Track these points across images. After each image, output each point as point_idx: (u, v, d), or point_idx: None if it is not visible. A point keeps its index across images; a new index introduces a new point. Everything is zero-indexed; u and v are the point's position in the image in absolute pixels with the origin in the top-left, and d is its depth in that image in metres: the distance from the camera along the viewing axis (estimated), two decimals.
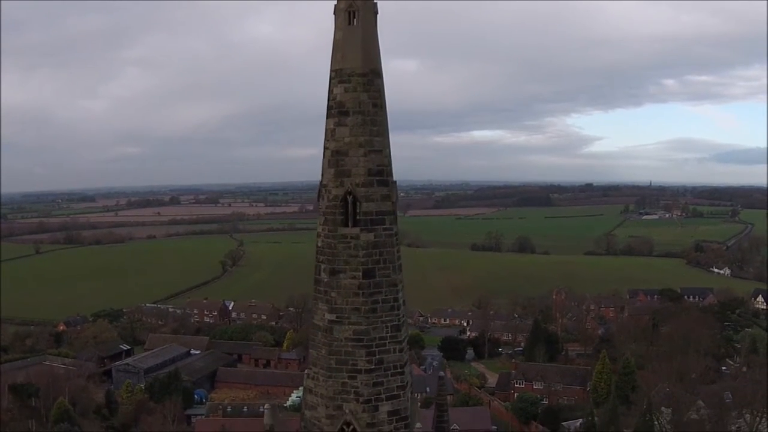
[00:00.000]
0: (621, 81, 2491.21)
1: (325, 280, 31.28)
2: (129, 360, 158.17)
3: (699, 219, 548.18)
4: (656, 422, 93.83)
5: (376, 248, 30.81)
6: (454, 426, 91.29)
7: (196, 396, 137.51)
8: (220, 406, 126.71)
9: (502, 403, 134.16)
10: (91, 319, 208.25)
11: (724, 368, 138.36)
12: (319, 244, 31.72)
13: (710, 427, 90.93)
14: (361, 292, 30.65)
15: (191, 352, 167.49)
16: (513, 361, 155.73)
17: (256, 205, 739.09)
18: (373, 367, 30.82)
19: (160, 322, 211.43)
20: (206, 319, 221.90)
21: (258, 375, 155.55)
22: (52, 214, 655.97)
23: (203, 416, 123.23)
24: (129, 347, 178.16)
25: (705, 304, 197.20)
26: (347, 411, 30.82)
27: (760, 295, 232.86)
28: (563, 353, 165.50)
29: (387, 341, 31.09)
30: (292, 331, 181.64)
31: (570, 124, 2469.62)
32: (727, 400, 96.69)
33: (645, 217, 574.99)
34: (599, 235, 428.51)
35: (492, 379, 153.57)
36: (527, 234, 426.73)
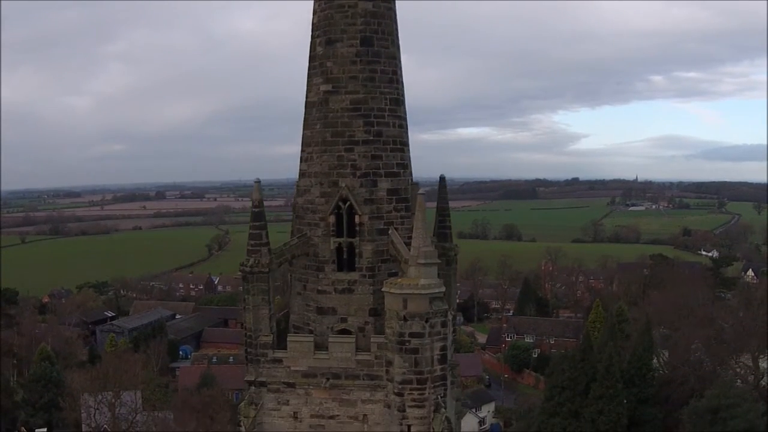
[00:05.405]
0: (608, 77, 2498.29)
1: (321, 52, 29.57)
2: (114, 322, 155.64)
3: (686, 210, 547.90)
4: (655, 358, 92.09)
5: (375, 18, 29.24)
6: None
7: (181, 352, 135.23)
8: (206, 356, 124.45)
9: (493, 355, 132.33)
10: (76, 291, 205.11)
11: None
12: (315, 21, 29.99)
13: (709, 365, 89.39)
14: (358, 60, 29.05)
15: (176, 316, 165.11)
16: (503, 316, 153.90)
17: (241, 200, 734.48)
18: (372, 138, 29.02)
19: (145, 296, 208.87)
20: (192, 293, 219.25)
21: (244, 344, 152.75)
22: (38, 208, 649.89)
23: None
24: (114, 314, 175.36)
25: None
26: (343, 186, 28.90)
27: (750, 270, 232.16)
28: (554, 316, 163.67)
29: (386, 113, 29.31)
30: (279, 297, 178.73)
31: (556, 121, 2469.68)
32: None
33: (632, 208, 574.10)
34: (586, 224, 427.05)
35: (482, 340, 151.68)
36: (514, 223, 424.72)
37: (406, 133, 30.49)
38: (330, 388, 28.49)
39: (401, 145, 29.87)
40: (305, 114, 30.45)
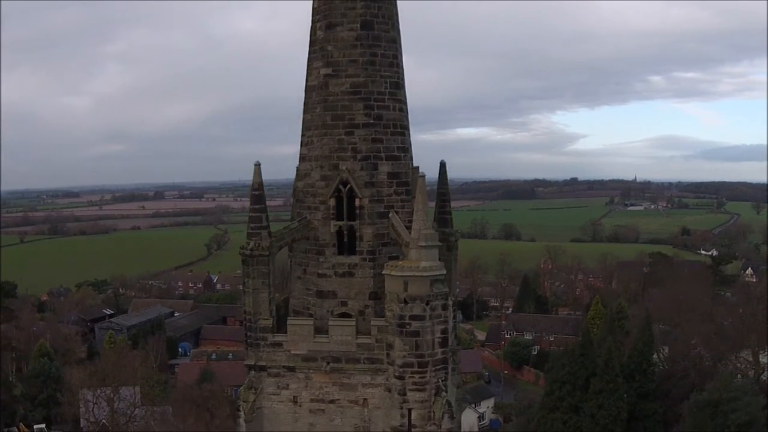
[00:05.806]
0: (607, 77, 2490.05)
1: (321, 36, 29.39)
2: (113, 319, 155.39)
3: (684, 210, 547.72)
4: (655, 353, 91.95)
5: (375, 2, 29.07)
6: None
7: (180, 349, 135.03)
8: (205, 353, 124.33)
9: (492, 352, 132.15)
10: (75, 290, 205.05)
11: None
12: (315, 5, 29.88)
13: (709, 360, 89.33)
14: (359, 43, 28.88)
15: (175, 314, 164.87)
16: (502, 313, 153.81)
17: (240, 200, 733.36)
18: (372, 121, 28.86)
19: (144, 294, 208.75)
20: (191, 291, 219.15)
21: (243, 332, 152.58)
22: (37, 208, 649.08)
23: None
24: (113, 312, 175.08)
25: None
26: (344, 169, 28.79)
27: (750, 268, 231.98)
28: (553, 314, 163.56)
29: (386, 97, 29.15)
30: (278, 295, 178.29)
31: (555, 121, 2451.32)
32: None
33: (630, 208, 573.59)
34: (585, 223, 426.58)
35: (481, 337, 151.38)
36: (513, 223, 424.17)
37: (407, 117, 30.38)
38: (330, 371, 28.39)
39: (402, 128, 29.76)
40: (305, 98, 30.34)
